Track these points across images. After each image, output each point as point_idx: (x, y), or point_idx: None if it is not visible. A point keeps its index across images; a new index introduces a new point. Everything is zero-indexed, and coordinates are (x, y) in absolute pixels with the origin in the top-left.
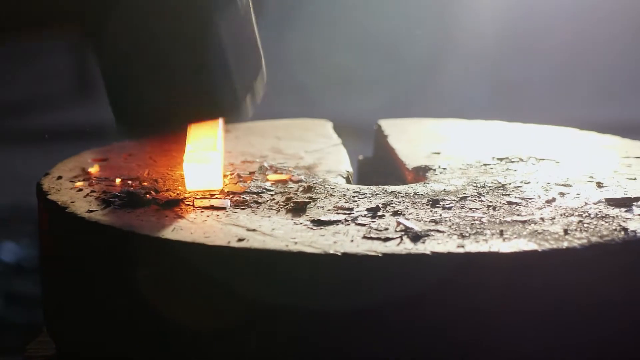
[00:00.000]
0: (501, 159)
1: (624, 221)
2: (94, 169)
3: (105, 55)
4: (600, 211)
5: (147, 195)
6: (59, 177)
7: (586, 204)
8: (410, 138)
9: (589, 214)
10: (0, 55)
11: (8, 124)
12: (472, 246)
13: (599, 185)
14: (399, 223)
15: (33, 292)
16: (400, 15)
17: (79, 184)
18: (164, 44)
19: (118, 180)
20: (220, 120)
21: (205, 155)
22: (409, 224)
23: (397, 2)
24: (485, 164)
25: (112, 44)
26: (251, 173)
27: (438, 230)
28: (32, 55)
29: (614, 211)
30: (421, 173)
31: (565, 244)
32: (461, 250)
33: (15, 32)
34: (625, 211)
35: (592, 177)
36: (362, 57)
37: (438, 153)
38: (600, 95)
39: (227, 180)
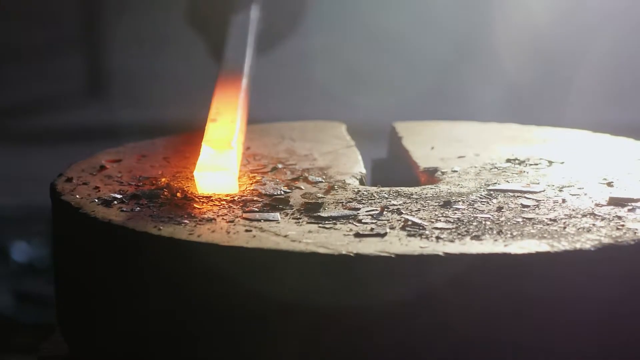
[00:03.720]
0: (514, 161)
1: (635, 222)
2: (107, 170)
3: None
4: (612, 213)
5: (161, 196)
6: (72, 178)
7: (598, 205)
8: (424, 140)
9: (601, 216)
10: (10, 55)
11: (19, 124)
12: (484, 247)
13: (611, 186)
14: (407, 220)
15: (44, 292)
16: (417, 16)
17: (93, 184)
18: None
19: (131, 181)
20: (239, 118)
21: (218, 162)
22: (418, 221)
23: (415, 3)
24: (498, 166)
25: None
26: (265, 174)
27: (450, 231)
28: (43, 55)
29: (626, 213)
30: (434, 175)
31: (577, 246)
32: (473, 250)
33: None
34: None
35: (605, 178)
36: (378, 58)
37: (452, 155)
38: (613, 97)
39: (241, 182)
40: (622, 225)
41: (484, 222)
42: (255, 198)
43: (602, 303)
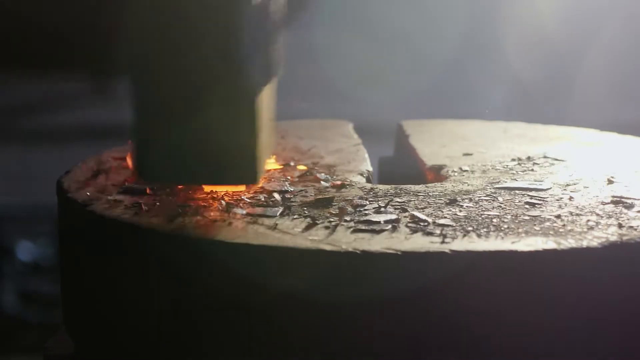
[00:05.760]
0: (521, 159)
1: None
2: (114, 168)
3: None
4: (618, 211)
5: (165, 194)
6: (79, 176)
7: (605, 203)
8: (431, 138)
9: (608, 214)
10: (16, 54)
11: (25, 124)
12: (490, 244)
13: (618, 184)
14: (413, 217)
15: (50, 291)
16: (424, 13)
17: (100, 182)
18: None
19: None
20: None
21: None
22: (424, 218)
23: (423, 1)
24: (505, 165)
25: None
26: (272, 171)
27: (456, 229)
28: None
29: (632, 211)
30: (441, 173)
31: (583, 243)
32: (479, 248)
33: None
34: None
35: (611, 177)
36: (385, 56)
37: (458, 153)
38: (621, 96)
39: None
40: (629, 223)
41: (490, 220)
42: (262, 195)
43: (608, 300)
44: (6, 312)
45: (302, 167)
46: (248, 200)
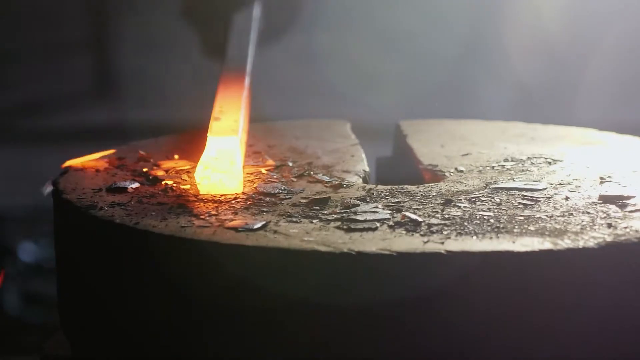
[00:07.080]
0: (519, 160)
1: (639, 221)
2: (109, 168)
3: None
4: (615, 211)
5: (160, 192)
6: (74, 177)
7: (602, 203)
8: (429, 138)
9: (604, 214)
10: (17, 54)
11: (26, 124)
12: (486, 245)
13: (616, 184)
14: (409, 218)
15: (52, 292)
16: (425, 14)
17: (95, 183)
18: None
19: (133, 179)
20: (242, 116)
21: (220, 163)
22: (420, 219)
23: (424, 1)
24: (502, 165)
25: None
26: (269, 172)
27: (452, 229)
28: (50, 55)
29: (629, 211)
30: (438, 173)
31: (580, 244)
32: (475, 248)
33: None
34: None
35: (609, 177)
36: (385, 56)
37: (456, 153)
38: (620, 96)
39: (244, 180)
40: (625, 223)
41: (486, 220)
42: (258, 197)
43: (604, 300)
44: (7, 313)
45: (299, 168)
46: (243, 202)
